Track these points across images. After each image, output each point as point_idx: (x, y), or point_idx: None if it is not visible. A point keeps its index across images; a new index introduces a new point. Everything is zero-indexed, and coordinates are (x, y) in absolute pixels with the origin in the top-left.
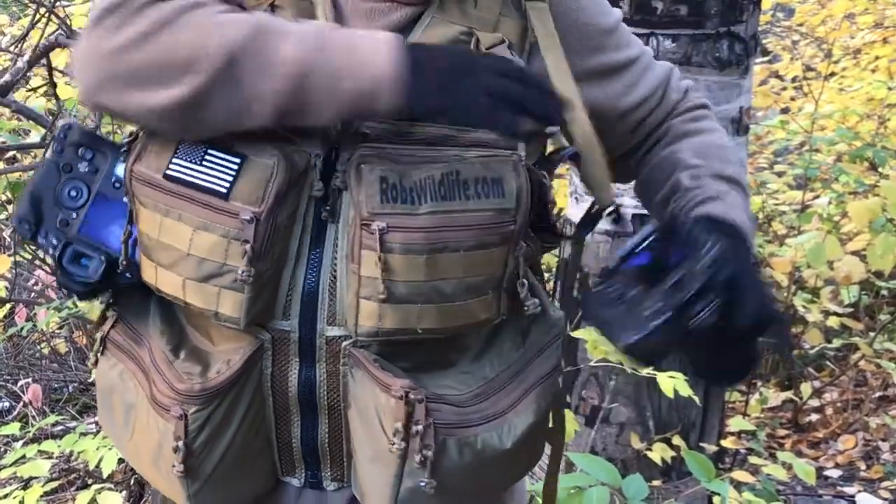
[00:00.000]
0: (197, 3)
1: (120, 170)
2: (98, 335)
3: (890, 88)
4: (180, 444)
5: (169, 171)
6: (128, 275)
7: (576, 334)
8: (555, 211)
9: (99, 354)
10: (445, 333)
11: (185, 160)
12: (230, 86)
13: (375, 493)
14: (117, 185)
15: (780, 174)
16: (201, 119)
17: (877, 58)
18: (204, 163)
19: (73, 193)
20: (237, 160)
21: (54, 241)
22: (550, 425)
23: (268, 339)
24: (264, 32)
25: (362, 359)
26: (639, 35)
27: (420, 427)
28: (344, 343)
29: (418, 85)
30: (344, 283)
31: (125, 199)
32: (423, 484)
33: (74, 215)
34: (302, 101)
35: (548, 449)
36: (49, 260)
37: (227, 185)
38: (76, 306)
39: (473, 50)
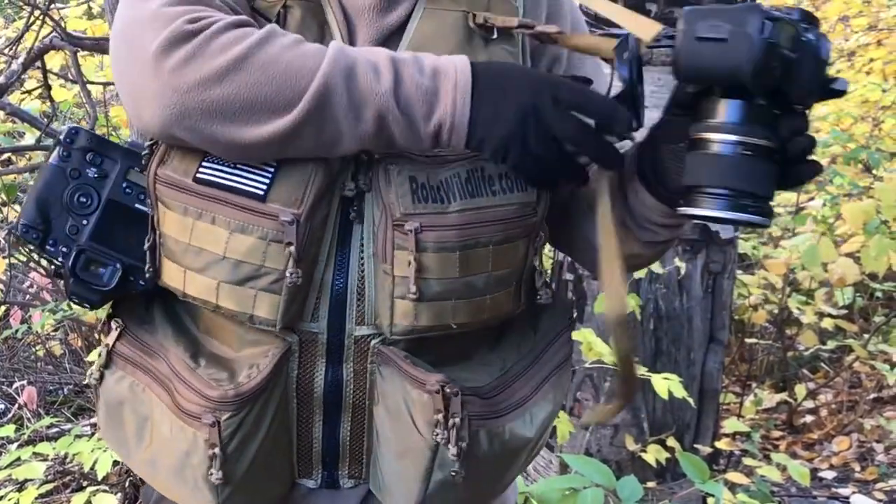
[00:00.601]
0: (273, 33)
1: (133, 175)
2: (102, 349)
3: (884, 91)
4: (216, 450)
5: (200, 175)
6: (142, 282)
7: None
8: None
9: (104, 368)
10: (476, 327)
11: (218, 163)
12: (319, 125)
13: (402, 488)
14: (128, 190)
15: None
16: (287, 152)
17: (871, 60)
18: (238, 165)
19: (83, 200)
20: (273, 163)
21: (64, 249)
22: None
23: (295, 342)
24: (349, 72)
25: (392, 356)
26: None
27: (457, 419)
28: (373, 342)
29: (479, 126)
30: (372, 282)
31: (137, 206)
32: (453, 474)
33: (84, 222)
34: (382, 140)
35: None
36: (45, 263)
37: (265, 187)
38: (71, 309)
39: (550, 75)
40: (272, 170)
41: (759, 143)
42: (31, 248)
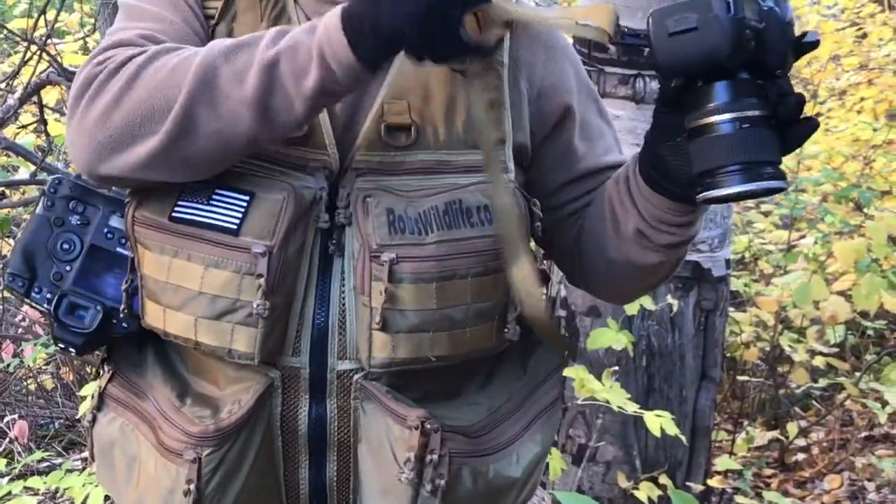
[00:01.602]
0: (161, 50)
1: (114, 221)
2: (94, 392)
3: (875, 129)
4: (192, 487)
5: (175, 213)
6: (125, 325)
7: (564, 372)
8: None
9: (96, 411)
10: (456, 360)
11: (192, 201)
12: (210, 102)
13: None
14: (110, 235)
15: (766, 214)
16: (194, 151)
17: (862, 99)
18: (212, 202)
19: (66, 246)
20: (245, 197)
21: (48, 295)
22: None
23: (277, 377)
24: (227, 49)
25: (375, 391)
26: (626, 76)
27: (435, 456)
28: (355, 376)
29: (352, 29)
30: (353, 316)
31: (119, 249)
32: None
33: (68, 268)
34: (278, 94)
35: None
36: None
37: (237, 221)
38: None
39: None
40: (245, 204)
41: (754, 114)
42: (17, 294)
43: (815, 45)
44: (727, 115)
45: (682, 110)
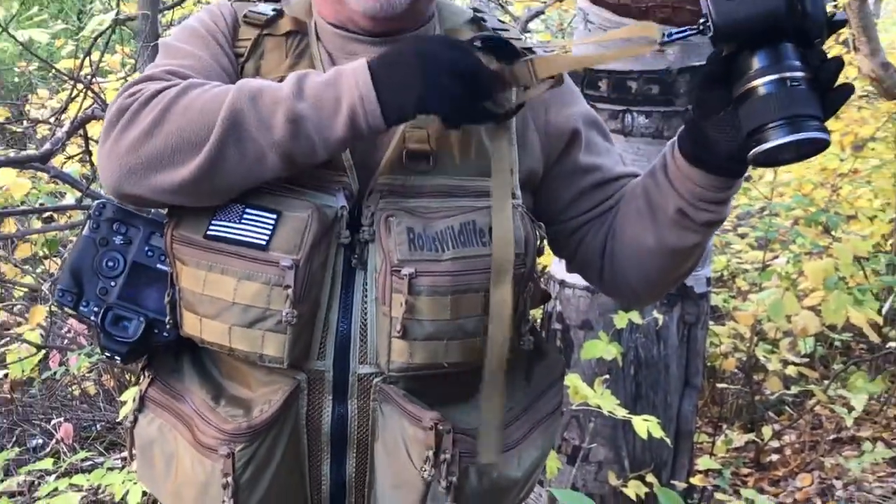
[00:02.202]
0: (189, 85)
1: (154, 240)
2: (135, 395)
3: (841, 160)
4: (229, 479)
5: (210, 231)
6: (165, 334)
7: None
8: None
9: (137, 413)
10: (468, 367)
11: (224, 220)
12: (238, 145)
13: None
14: (150, 253)
15: (742, 236)
16: (220, 181)
17: (831, 131)
18: (242, 220)
19: (111, 264)
20: (273, 216)
21: (95, 309)
22: None
23: (304, 379)
24: (253, 94)
25: (392, 394)
26: (615, 111)
27: (448, 455)
28: (375, 380)
29: (388, 93)
30: (374, 324)
31: (158, 266)
32: None
33: (113, 283)
34: (301, 143)
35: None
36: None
37: (266, 237)
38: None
39: (423, 36)
40: (272, 221)
41: (798, 75)
42: (68, 309)
43: (844, 23)
44: (773, 76)
45: (727, 83)
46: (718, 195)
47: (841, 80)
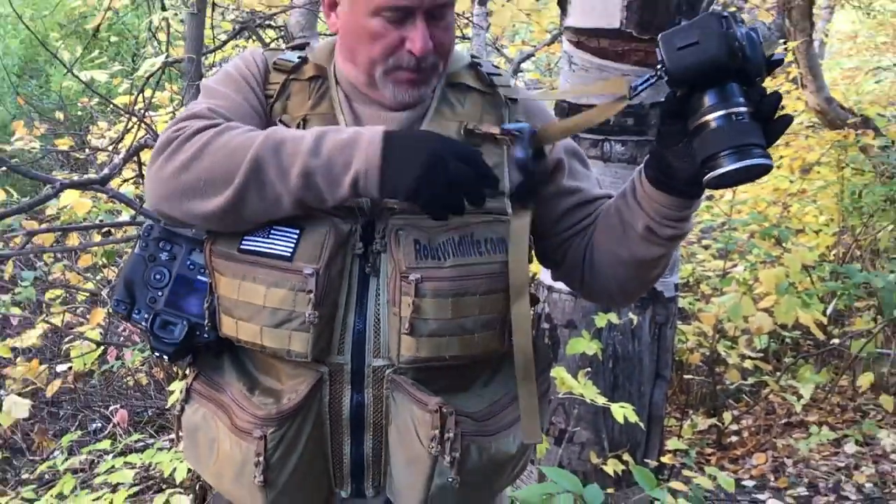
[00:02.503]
0: (226, 128)
1: (194, 256)
2: (182, 388)
3: (791, 181)
4: (261, 458)
5: (242, 246)
6: (206, 335)
7: None
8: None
9: (184, 403)
10: (466, 360)
11: (254, 236)
12: (258, 189)
13: (409, 491)
14: (191, 267)
15: (706, 247)
16: (242, 216)
17: (781, 157)
18: (270, 236)
19: (158, 277)
20: (296, 231)
21: (146, 316)
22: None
23: (326, 372)
24: (276, 145)
25: (402, 383)
26: (595, 140)
27: (451, 434)
28: (387, 371)
29: (391, 174)
30: (386, 323)
31: (199, 277)
32: (450, 480)
33: (160, 293)
34: (312, 194)
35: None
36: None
37: (291, 250)
38: None
39: (434, 135)
40: (296, 236)
41: (742, 110)
42: (122, 317)
43: (781, 61)
44: (721, 112)
45: (683, 118)
46: (680, 214)
47: (792, 108)
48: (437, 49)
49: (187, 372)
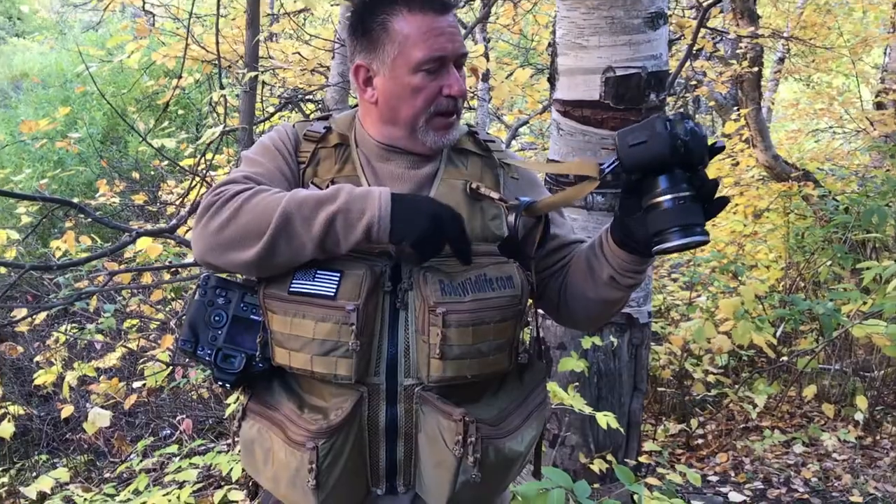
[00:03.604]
0: (258, 191)
1: (247, 298)
2: (238, 407)
3: (745, 225)
4: (313, 466)
5: (292, 288)
6: (260, 365)
7: None
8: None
9: (241, 420)
10: (481, 378)
11: (302, 279)
12: (287, 238)
13: (438, 489)
14: (244, 308)
15: (675, 280)
16: (272, 263)
17: (736, 205)
18: (315, 279)
19: (217, 318)
20: (337, 274)
21: (209, 352)
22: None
23: (365, 391)
24: (300, 202)
25: (429, 398)
26: None
27: (472, 438)
28: (416, 389)
29: (400, 223)
30: (415, 349)
31: (252, 316)
32: (473, 476)
33: (220, 332)
34: (331, 238)
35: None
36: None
37: (334, 290)
38: None
39: (435, 200)
40: (337, 278)
41: (686, 194)
42: (187, 354)
43: (722, 148)
44: (669, 196)
45: (639, 196)
46: (637, 268)
47: (745, 163)
48: (463, 93)
49: (243, 394)
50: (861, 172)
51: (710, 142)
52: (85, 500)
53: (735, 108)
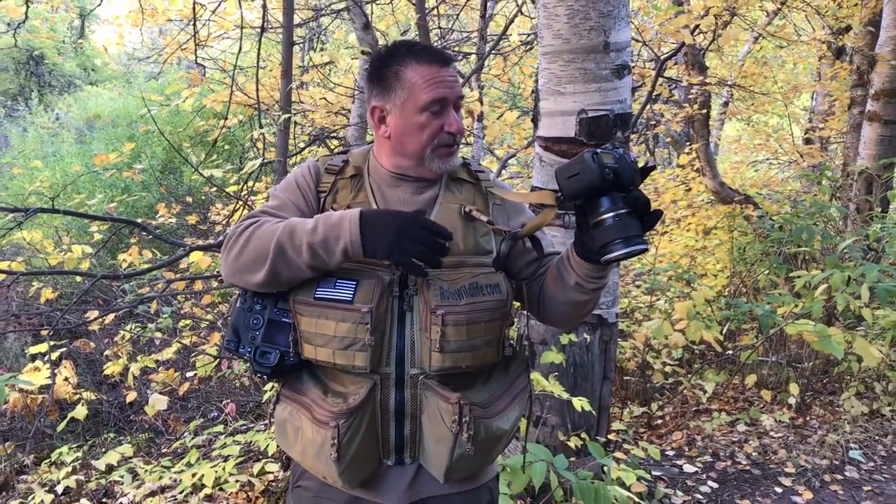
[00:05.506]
0: (263, 223)
1: (280, 304)
2: (274, 393)
3: (696, 240)
4: (335, 441)
5: (316, 295)
6: (292, 358)
7: None
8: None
9: (275, 403)
10: (473, 368)
11: (324, 287)
12: (284, 263)
13: (438, 460)
14: (278, 312)
15: (638, 286)
16: (279, 281)
17: (689, 223)
18: (336, 287)
19: (255, 321)
20: (354, 282)
21: (248, 349)
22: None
23: (378, 379)
24: (290, 232)
25: (432, 385)
26: (558, 213)
27: (467, 418)
28: (420, 377)
29: (369, 242)
30: (419, 344)
31: (284, 319)
32: (468, 450)
33: (258, 333)
34: (318, 261)
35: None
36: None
37: (351, 295)
38: None
39: (400, 214)
40: (353, 285)
41: (624, 211)
42: (231, 351)
43: (653, 168)
44: (610, 214)
45: (587, 216)
46: (597, 275)
47: (696, 189)
48: (461, 130)
49: (278, 383)
50: (793, 196)
51: (641, 163)
52: (145, 471)
53: (687, 143)
